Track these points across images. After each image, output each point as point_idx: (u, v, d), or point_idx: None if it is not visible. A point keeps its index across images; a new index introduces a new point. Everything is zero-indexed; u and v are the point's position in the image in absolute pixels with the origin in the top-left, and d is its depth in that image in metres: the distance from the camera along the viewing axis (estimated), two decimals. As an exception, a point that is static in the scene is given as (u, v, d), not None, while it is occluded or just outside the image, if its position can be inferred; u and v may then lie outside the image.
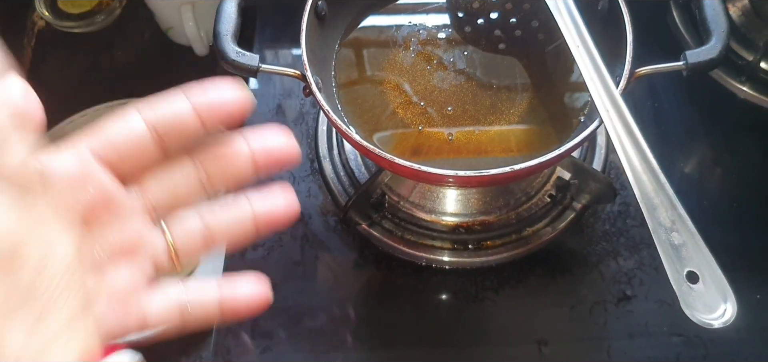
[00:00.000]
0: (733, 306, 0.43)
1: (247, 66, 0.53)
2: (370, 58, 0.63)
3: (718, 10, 0.54)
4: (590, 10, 0.58)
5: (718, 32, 0.52)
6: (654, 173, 0.47)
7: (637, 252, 0.62)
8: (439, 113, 0.59)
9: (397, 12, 0.65)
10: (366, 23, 0.64)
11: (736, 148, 0.68)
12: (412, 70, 0.62)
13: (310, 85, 0.54)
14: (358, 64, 0.63)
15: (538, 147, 0.57)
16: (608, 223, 0.64)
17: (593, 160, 0.65)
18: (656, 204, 0.46)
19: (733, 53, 0.71)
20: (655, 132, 0.69)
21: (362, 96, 0.61)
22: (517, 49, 0.63)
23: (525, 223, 0.64)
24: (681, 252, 0.45)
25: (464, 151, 0.57)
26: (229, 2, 0.56)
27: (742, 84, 0.70)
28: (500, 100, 0.60)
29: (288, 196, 0.35)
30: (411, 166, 0.50)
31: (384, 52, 0.63)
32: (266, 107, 0.74)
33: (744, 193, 0.65)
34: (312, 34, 0.58)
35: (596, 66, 0.51)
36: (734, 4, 0.74)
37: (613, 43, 0.56)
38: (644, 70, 0.53)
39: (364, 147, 0.52)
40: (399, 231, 0.64)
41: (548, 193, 0.65)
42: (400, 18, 0.65)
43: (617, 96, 0.50)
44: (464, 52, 0.63)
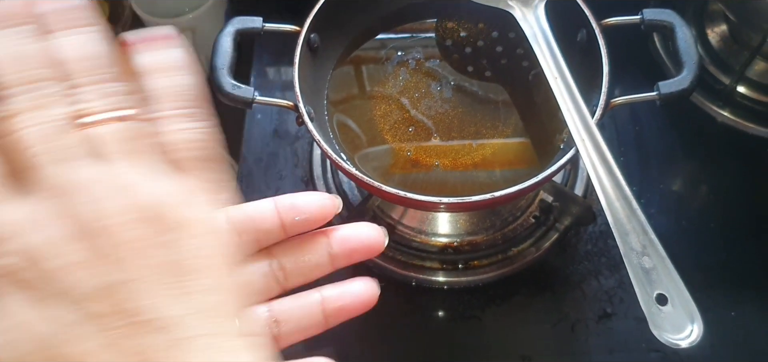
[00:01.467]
0: (700, 326, 0.46)
1: (242, 98, 0.56)
2: (360, 86, 0.66)
3: (690, 42, 0.56)
4: (569, 41, 0.61)
5: (689, 64, 0.55)
6: (627, 199, 0.50)
7: (617, 271, 0.65)
8: (427, 139, 0.62)
9: (387, 43, 0.68)
10: (357, 54, 0.67)
11: (715, 170, 0.71)
12: (402, 97, 0.65)
13: (302, 116, 0.56)
14: (350, 92, 0.66)
15: (523, 172, 0.60)
16: (590, 243, 0.67)
17: (575, 184, 0.68)
18: (628, 229, 0.49)
19: (712, 78, 0.74)
20: (637, 155, 0.71)
21: (353, 123, 0.64)
22: (502, 76, 0.66)
23: (511, 243, 0.66)
24: (651, 275, 0.47)
25: (451, 177, 0.60)
26: (225, 37, 0.59)
27: (721, 108, 0.72)
28: (486, 126, 0.63)
29: (366, 287, 0.37)
30: (398, 193, 0.53)
31: (374, 81, 0.66)
32: (264, 129, 0.76)
33: (721, 214, 0.68)
34: (305, 66, 0.60)
35: (573, 96, 0.53)
36: (713, 29, 0.77)
37: (592, 73, 0.59)
38: (619, 100, 0.56)
39: (354, 175, 0.55)
40: (390, 252, 0.66)
41: (533, 214, 0.67)
42: (390, 48, 0.68)
43: (592, 125, 0.52)
44: (452, 80, 0.66)
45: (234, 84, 0.56)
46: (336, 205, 0.37)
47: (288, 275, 0.37)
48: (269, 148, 0.75)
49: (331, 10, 0.63)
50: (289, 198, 0.36)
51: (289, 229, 0.36)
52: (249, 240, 0.36)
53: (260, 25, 0.60)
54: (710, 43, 0.76)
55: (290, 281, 0.37)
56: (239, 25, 0.59)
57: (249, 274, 0.36)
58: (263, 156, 0.74)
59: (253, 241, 0.36)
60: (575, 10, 0.60)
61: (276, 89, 0.83)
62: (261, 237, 0.36)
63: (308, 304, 0.36)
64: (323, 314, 0.36)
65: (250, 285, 0.35)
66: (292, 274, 0.37)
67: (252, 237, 0.36)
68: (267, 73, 0.83)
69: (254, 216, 0.36)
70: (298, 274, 0.37)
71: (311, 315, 0.36)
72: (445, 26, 0.69)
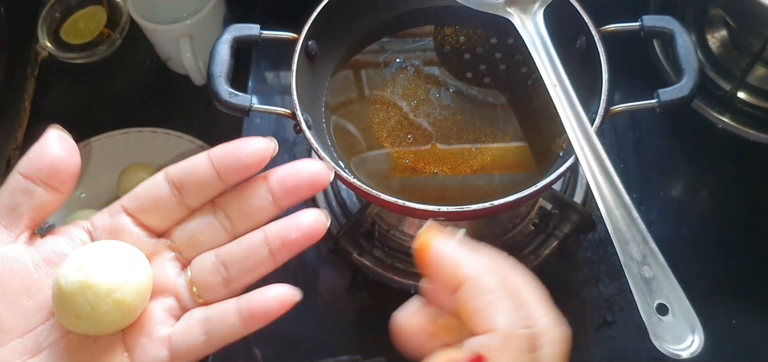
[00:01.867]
0: (701, 337, 0.45)
1: (239, 106, 0.56)
2: (359, 93, 0.65)
3: (690, 49, 0.56)
4: (568, 48, 0.61)
5: (689, 71, 0.55)
6: (627, 208, 0.49)
7: (617, 279, 0.64)
8: (426, 145, 0.62)
9: (385, 49, 0.68)
10: (356, 59, 0.67)
11: (715, 176, 0.71)
12: (400, 104, 0.64)
13: (300, 124, 0.56)
14: (348, 98, 0.65)
15: (522, 180, 0.59)
16: (590, 250, 0.66)
17: (575, 191, 0.68)
18: (628, 238, 0.48)
19: (712, 83, 0.73)
20: (637, 162, 0.71)
21: (351, 130, 0.63)
22: (501, 82, 0.65)
23: (510, 251, 0.66)
24: (651, 285, 0.47)
25: (450, 184, 0.60)
26: (223, 44, 0.58)
27: (721, 114, 0.72)
28: (485, 132, 0.62)
29: (311, 217, 0.38)
30: (396, 202, 0.53)
31: (373, 87, 0.65)
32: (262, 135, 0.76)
33: (722, 221, 0.67)
34: (302, 73, 0.60)
35: (572, 104, 0.53)
36: (713, 35, 0.77)
37: (591, 80, 0.58)
38: (619, 107, 0.55)
39: (353, 184, 0.54)
40: (389, 260, 0.66)
41: (532, 222, 0.67)
42: (389, 55, 0.67)
43: (592, 133, 0.52)
44: (450, 86, 0.65)
45: (231, 92, 0.56)
46: (271, 148, 0.39)
47: (234, 222, 0.39)
48: (267, 155, 0.74)
49: (329, 17, 0.62)
50: (221, 148, 0.38)
51: (226, 178, 0.38)
52: (190, 194, 0.38)
53: (257, 33, 0.60)
54: (710, 49, 0.76)
55: (237, 227, 0.39)
56: (236, 33, 0.59)
57: (200, 225, 0.39)
58: (261, 163, 0.74)
59: (195, 194, 0.38)
60: (574, 17, 0.60)
61: (275, 94, 0.82)
62: (201, 189, 0.38)
63: (252, 244, 0.38)
64: (269, 251, 0.38)
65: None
66: (237, 221, 0.39)
67: (193, 191, 0.38)
68: (265, 79, 0.82)
69: (189, 170, 0.38)
70: (244, 220, 0.39)
71: (256, 254, 0.38)
72: (443, 32, 0.69)
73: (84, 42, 0.96)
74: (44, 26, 0.96)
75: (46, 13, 0.96)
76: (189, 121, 0.90)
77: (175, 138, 0.87)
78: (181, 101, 0.93)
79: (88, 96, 0.96)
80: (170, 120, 0.90)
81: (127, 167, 0.84)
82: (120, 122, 0.90)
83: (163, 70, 0.94)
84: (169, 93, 0.94)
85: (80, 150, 0.84)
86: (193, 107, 0.92)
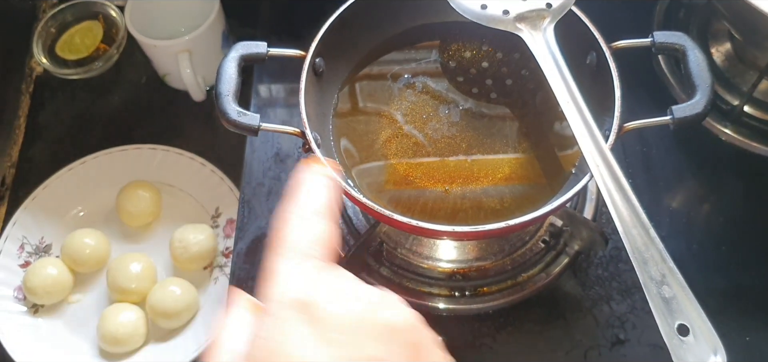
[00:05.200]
0: (723, 358, 0.45)
1: (248, 125, 0.55)
2: (367, 110, 0.65)
3: (703, 65, 0.56)
4: (579, 64, 0.60)
5: (702, 87, 0.54)
6: (644, 227, 0.49)
7: (629, 296, 0.64)
8: (435, 163, 0.61)
9: (392, 64, 0.67)
10: (362, 76, 0.66)
11: (723, 191, 0.70)
12: (409, 121, 0.63)
13: (309, 143, 0.55)
14: (356, 116, 0.64)
15: (533, 197, 0.59)
16: (601, 268, 0.66)
17: (584, 208, 0.67)
18: (647, 257, 0.48)
19: (718, 98, 0.73)
20: (645, 177, 0.70)
21: (360, 148, 0.62)
22: (509, 98, 0.65)
23: (520, 269, 0.65)
24: (671, 305, 0.46)
25: (460, 201, 0.59)
26: (230, 62, 0.57)
27: (728, 128, 0.72)
28: (494, 149, 0.62)
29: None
30: (409, 221, 0.52)
31: (380, 103, 0.65)
32: (266, 153, 0.75)
33: (731, 237, 0.67)
34: (310, 91, 0.59)
35: (586, 121, 0.52)
36: (718, 48, 0.77)
37: (602, 96, 0.58)
38: (632, 124, 0.55)
39: (364, 203, 0.53)
40: (397, 279, 0.65)
41: (542, 239, 0.66)
42: (395, 70, 0.66)
43: (607, 151, 0.51)
44: (458, 102, 0.64)
45: (239, 111, 0.55)
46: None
47: None
48: (271, 172, 0.73)
49: (336, 34, 0.62)
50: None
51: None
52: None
53: (265, 51, 0.59)
54: (715, 62, 0.76)
55: None
56: (243, 51, 0.58)
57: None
58: (265, 181, 0.73)
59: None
60: (584, 33, 0.59)
61: (278, 107, 0.81)
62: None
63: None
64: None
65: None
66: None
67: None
68: (268, 93, 0.81)
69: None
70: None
71: None
72: (449, 48, 0.68)
73: (80, 57, 0.95)
74: (39, 41, 0.94)
75: (42, 28, 0.95)
76: (189, 137, 0.89)
77: (175, 155, 0.86)
78: (181, 117, 0.92)
79: (84, 112, 0.94)
80: (169, 136, 0.89)
81: (126, 185, 0.83)
82: (117, 139, 0.89)
83: (161, 85, 0.93)
84: (168, 109, 0.92)
85: (78, 167, 0.84)
86: (192, 123, 0.91)
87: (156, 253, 0.82)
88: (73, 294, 0.80)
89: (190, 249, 0.78)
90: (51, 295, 0.78)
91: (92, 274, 0.82)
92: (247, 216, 0.70)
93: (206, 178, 0.84)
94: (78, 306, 0.80)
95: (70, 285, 0.80)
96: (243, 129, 0.55)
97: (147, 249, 0.82)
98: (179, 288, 0.76)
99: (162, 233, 0.83)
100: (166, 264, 0.82)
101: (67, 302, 0.80)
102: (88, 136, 0.92)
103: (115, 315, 0.75)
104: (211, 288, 0.79)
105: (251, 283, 0.66)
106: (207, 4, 0.85)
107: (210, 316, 0.76)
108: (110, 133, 0.91)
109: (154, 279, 0.79)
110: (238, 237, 0.69)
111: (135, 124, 0.92)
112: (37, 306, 0.79)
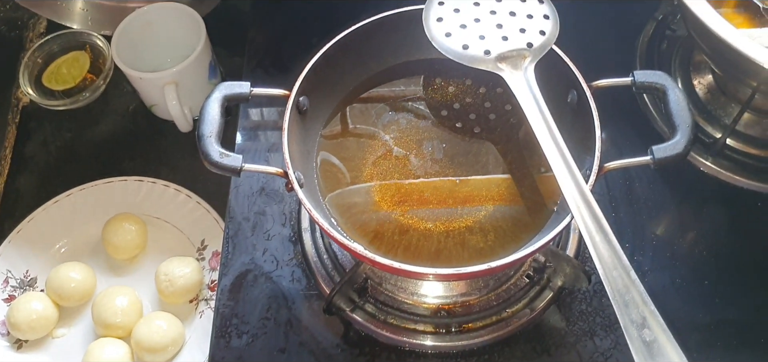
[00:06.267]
0: (703, 401, 0.45)
1: (230, 167, 0.55)
2: (351, 146, 0.65)
3: (683, 104, 0.56)
4: (560, 102, 0.61)
5: (682, 128, 0.55)
6: (624, 268, 0.49)
7: (612, 331, 0.64)
8: (419, 200, 0.61)
9: (376, 100, 0.67)
10: (346, 113, 0.66)
11: (707, 225, 0.71)
12: (393, 157, 0.64)
13: (292, 183, 0.55)
14: (340, 153, 0.64)
15: (516, 234, 0.59)
16: (585, 303, 0.66)
17: (568, 243, 0.67)
18: (627, 300, 0.48)
19: (701, 131, 0.74)
20: (628, 210, 0.71)
21: (344, 186, 0.62)
22: (493, 133, 0.65)
23: (505, 304, 0.65)
24: (652, 348, 0.46)
25: (444, 240, 0.59)
26: (213, 103, 0.57)
27: (710, 161, 0.72)
28: (477, 187, 0.62)
29: None
30: (391, 263, 0.52)
31: (365, 141, 0.65)
32: (251, 187, 0.75)
33: (715, 271, 0.67)
34: (294, 129, 0.59)
35: (566, 162, 0.53)
36: (700, 81, 0.77)
37: (583, 135, 0.58)
38: (613, 164, 0.55)
39: (346, 245, 0.53)
40: (382, 315, 0.65)
41: (526, 273, 0.67)
42: (380, 107, 0.67)
43: (587, 192, 0.51)
44: (442, 138, 0.65)
45: (222, 152, 0.55)
46: None
47: None
48: (256, 206, 0.73)
49: (320, 72, 0.62)
50: None
51: None
52: None
53: (248, 91, 0.59)
54: (697, 95, 0.77)
55: None
56: (226, 91, 0.58)
57: None
58: (250, 215, 0.73)
59: None
60: (565, 72, 0.60)
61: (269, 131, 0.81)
62: None
63: None
64: None
65: None
66: None
67: None
68: (254, 128, 0.81)
69: None
70: None
71: None
72: (433, 83, 0.68)
73: (67, 88, 0.95)
74: (26, 72, 0.94)
75: (28, 59, 0.95)
76: (175, 168, 0.89)
77: (162, 187, 0.86)
78: (167, 148, 0.91)
79: (71, 143, 0.94)
80: (156, 167, 0.89)
81: (112, 217, 0.83)
82: (104, 169, 0.88)
83: (149, 115, 0.93)
84: (155, 139, 0.92)
85: (64, 200, 0.83)
86: (179, 154, 0.91)
87: (142, 286, 0.81)
88: (58, 328, 0.80)
89: (175, 283, 0.78)
90: (35, 330, 0.77)
91: (77, 308, 0.81)
92: (232, 251, 0.70)
93: (192, 210, 0.84)
94: (63, 341, 0.79)
95: (55, 319, 0.79)
96: (225, 170, 0.55)
97: (133, 282, 0.82)
98: (165, 323, 0.76)
99: (148, 266, 0.83)
100: (152, 298, 0.81)
101: (51, 337, 0.79)
102: (75, 166, 0.91)
103: (100, 351, 0.74)
104: (197, 322, 0.79)
105: (235, 320, 0.66)
106: (193, 35, 0.85)
107: (196, 351, 0.76)
108: (97, 163, 0.91)
109: (139, 313, 0.78)
110: (222, 273, 0.69)
111: (122, 155, 0.92)
112: (21, 342, 0.78)
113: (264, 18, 0.90)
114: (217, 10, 0.94)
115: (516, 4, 0.61)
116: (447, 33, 0.60)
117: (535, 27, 0.60)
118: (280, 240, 0.71)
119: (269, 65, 0.84)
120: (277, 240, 0.71)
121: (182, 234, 0.84)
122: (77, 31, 0.96)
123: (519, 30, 0.59)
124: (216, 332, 0.66)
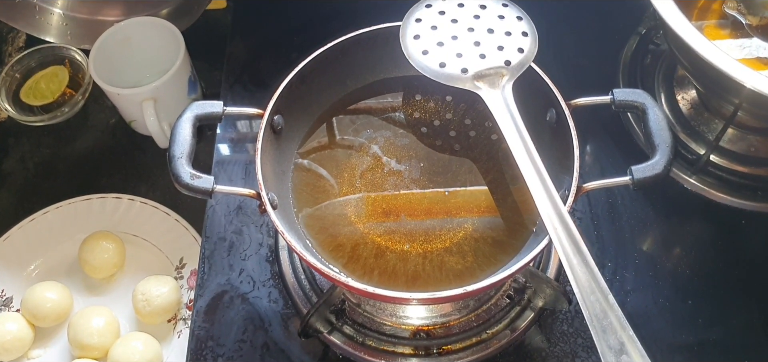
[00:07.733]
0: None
1: (202, 189, 0.54)
2: (327, 166, 0.64)
3: (662, 124, 0.55)
4: (539, 121, 0.60)
5: (662, 147, 0.54)
6: (603, 292, 0.48)
7: (594, 352, 0.62)
8: (397, 222, 0.60)
9: (353, 118, 0.66)
10: (322, 132, 0.65)
11: (690, 243, 0.70)
12: (371, 177, 0.63)
13: (264, 205, 0.54)
14: (316, 172, 0.63)
15: (494, 255, 0.58)
16: (566, 323, 0.65)
17: (548, 264, 0.66)
18: (605, 326, 0.47)
19: (684, 147, 0.73)
20: (610, 228, 0.70)
21: (319, 206, 0.61)
22: (473, 151, 0.64)
23: (485, 325, 0.64)
24: (630, 376, 0.45)
25: (421, 262, 0.58)
26: (184, 123, 0.56)
27: (694, 178, 0.71)
28: (456, 206, 0.61)
29: None
30: (365, 288, 0.51)
31: (342, 160, 0.64)
32: (228, 206, 0.74)
33: (698, 290, 0.66)
34: (268, 149, 0.58)
35: (543, 182, 0.52)
36: (683, 96, 0.77)
37: (562, 154, 0.57)
38: (592, 184, 0.54)
39: (320, 269, 0.52)
40: (360, 337, 0.64)
41: (507, 294, 0.65)
42: (357, 125, 0.66)
43: (565, 213, 0.50)
44: (421, 155, 0.64)
45: (193, 174, 0.54)
46: None
47: None
48: (233, 225, 0.72)
49: (295, 90, 0.61)
50: None
51: None
52: None
53: (221, 110, 0.58)
54: (681, 110, 0.76)
55: None
56: (199, 111, 0.57)
57: None
58: (227, 234, 0.71)
59: None
60: (543, 90, 0.59)
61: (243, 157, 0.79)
62: None
63: None
64: None
65: None
66: None
67: None
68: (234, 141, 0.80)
69: None
70: None
71: None
72: (412, 100, 0.67)
73: (46, 103, 0.94)
74: (3, 87, 0.93)
75: (6, 74, 0.94)
76: (154, 184, 0.88)
77: (140, 204, 0.84)
78: (147, 164, 0.90)
79: (49, 159, 0.92)
80: (135, 183, 0.88)
81: (89, 236, 0.81)
82: (83, 186, 0.87)
83: (129, 131, 0.92)
84: (135, 155, 0.91)
85: (40, 218, 0.82)
86: (158, 170, 0.89)
87: (119, 306, 0.80)
88: (33, 349, 0.78)
89: (152, 302, 0.76)
90: (9, 352, 0.76)
91: (53, 329, 0.79)
92: (208, 272, 0.69)
93: (170, 229, 0.83)
94: (38, 363, 0.78)
95: (30, 340, 0.78)
96: (197, 192, 0.54)
97: (110, 301, 0.81)
98: (141, 343, 0.75)
99: (126, 285, 0.82)
100: (129, 317, 0.80)
101: (26, 358, 0.78)
102: (53, 183, 0.90)
103: (75, 373, 0.73)
104: (175, 342, 0.77)
105: (211, 343, 0.65)
106: (172, 50, 0.84)
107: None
108: (76, 180, 0.90)
109: (116, 334, 0.77)
110: (197, 294, 0.68)
111: (101, 171, 0.91)
112: (-6, 364, 0.77)
113: (244, 33, 0.89)
114: (199, 23, 0.93)
115: (494, 21, 0.60)
116: (424, 51, 0.59)
117: (514, 44, 0.59)
118: (257, 260, 0.70)
119: (248, 81, 0.83)
120: (254, 260, 0.70)
121: (161, 253, 0.83)
122: (56, 45, 0.95)
123: (497, 47, 0.58)
124: (191, 355, 0.65)
